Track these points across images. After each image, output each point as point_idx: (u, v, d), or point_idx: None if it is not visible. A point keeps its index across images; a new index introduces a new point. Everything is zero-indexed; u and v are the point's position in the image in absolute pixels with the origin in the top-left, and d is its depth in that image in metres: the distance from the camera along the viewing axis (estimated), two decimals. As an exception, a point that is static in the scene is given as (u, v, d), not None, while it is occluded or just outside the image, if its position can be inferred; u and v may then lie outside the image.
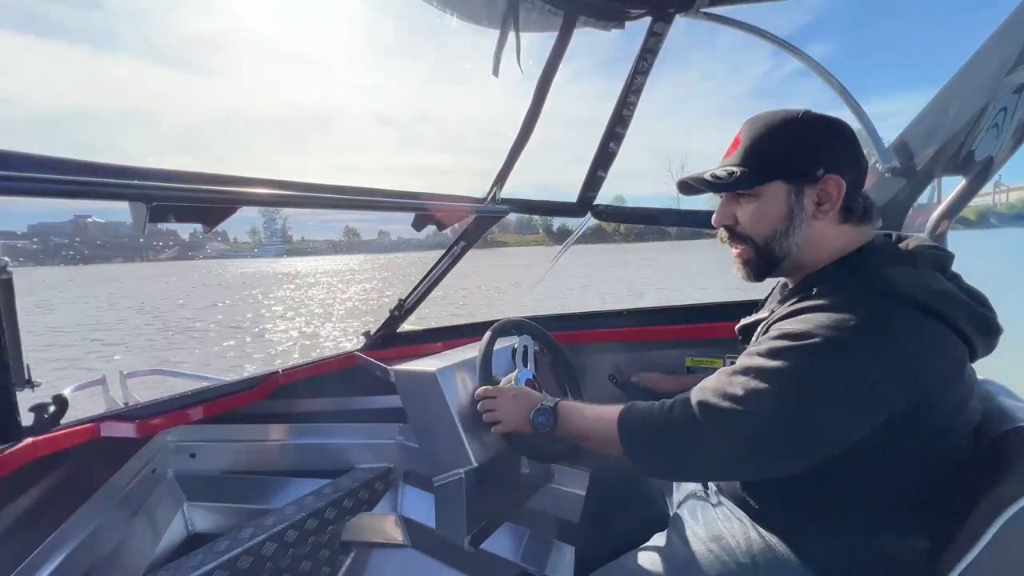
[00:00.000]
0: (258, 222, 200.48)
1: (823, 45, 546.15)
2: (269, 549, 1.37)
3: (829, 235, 0.78)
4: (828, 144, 0.77)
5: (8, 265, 0.73)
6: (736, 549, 0.83)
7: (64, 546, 1.15)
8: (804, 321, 0.68)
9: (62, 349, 10.54)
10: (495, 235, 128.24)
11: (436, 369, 1.17)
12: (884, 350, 0.63)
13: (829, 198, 0.76)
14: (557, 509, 1.67)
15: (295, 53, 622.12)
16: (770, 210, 0.78)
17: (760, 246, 0.81)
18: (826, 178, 0.75)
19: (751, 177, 0.77)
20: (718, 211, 0.86)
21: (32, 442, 0.97)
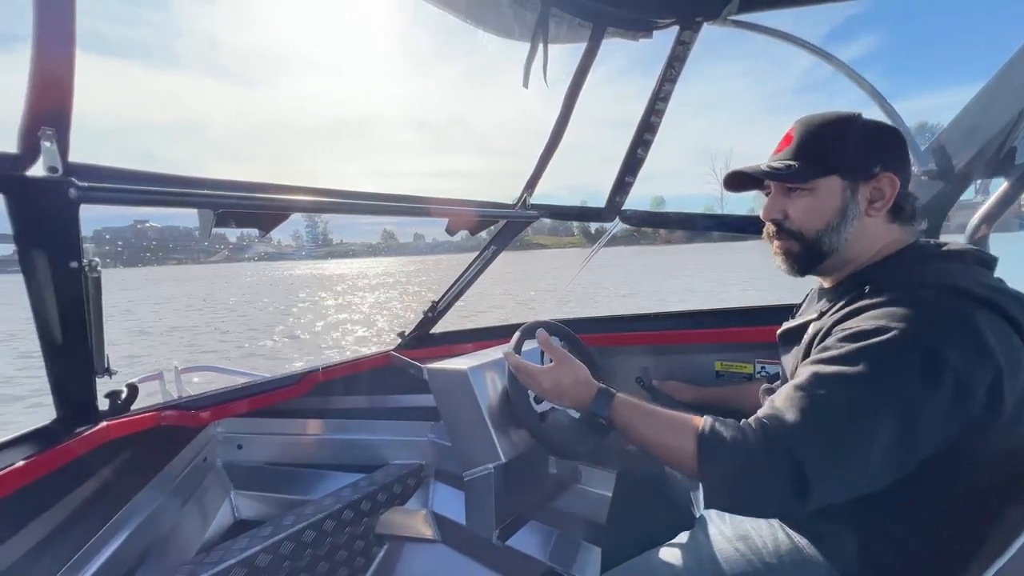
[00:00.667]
0: (301, 226, 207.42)
1: (861, 43, 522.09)
2: (309, 537, 1.44)
3: (878, 233, 0.79)
4: (884, 143, 0.79)
5: (98, 265, 0.83)
6: (763, 549, 0.84)
7: (126, 526, 1.26)
8: (874, 318, 0.66)
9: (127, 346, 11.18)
10: (532, 237, 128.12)
11: (468, 368, 1.22)
12: (965, 341, 0.62)
13: (882, 196, 0.77)
14: (585, 510, 1.69)
15: (336, 63, 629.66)
16: (824, 205, 0.79)
17: (810, 241, 0.81)
18: (881, 176, 0.77)
19: (807, 171, 0.78)
20: (768, 205, 0.85)
21: (106, 425, 1.07)
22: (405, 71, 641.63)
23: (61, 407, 0.97)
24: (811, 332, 0.78)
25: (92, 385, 0.98)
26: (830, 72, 1.43)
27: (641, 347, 1.77)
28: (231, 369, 2.48)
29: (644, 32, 1.50)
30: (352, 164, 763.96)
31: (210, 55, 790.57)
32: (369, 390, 1.83)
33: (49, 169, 0.71)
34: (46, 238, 0.78)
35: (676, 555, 0.91)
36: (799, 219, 0.81)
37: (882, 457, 0.62)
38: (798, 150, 0.80)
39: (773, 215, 0.84)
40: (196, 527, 1.53)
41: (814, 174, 0.78)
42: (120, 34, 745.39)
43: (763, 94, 41.97)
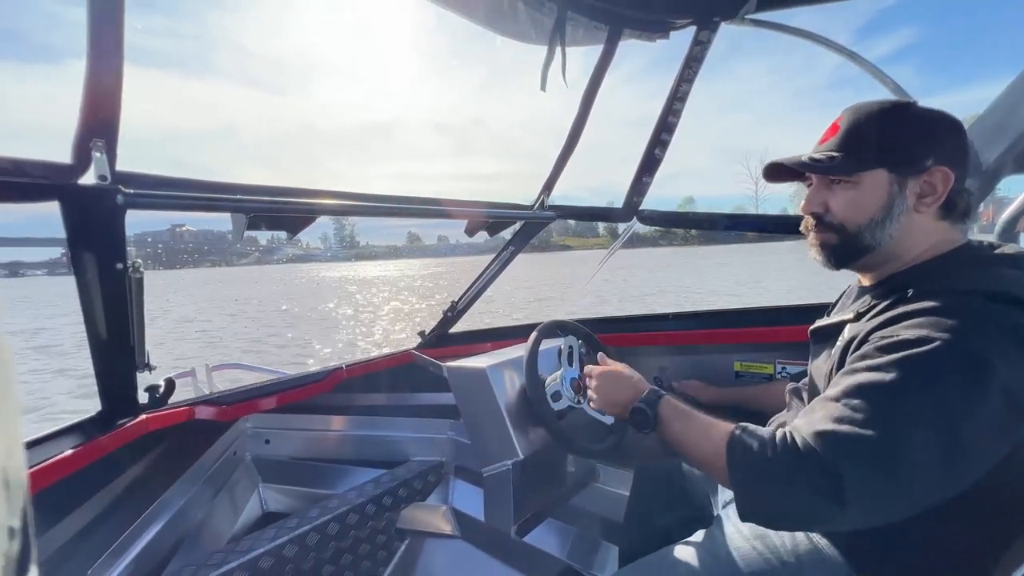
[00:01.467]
0: (328, 228, 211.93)
1: (898, 36, 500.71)
2: (333, 529, 1.49)
3: (926, 230, 0.74)
4: (938, 135, 0.73)
5: (141, 266, 0.89)
6: (781, 548, 0.83)
7: (162, 516, 1.32)
8: (917, 326, 0.62)
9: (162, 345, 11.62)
10: (558, 239, 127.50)
11: (486, 366, 1.25)
12: (1011, 350, 0.58)
13: (933, 191, 0.72)
14: (603, 509, 1.70)
15: (360, 70, 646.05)
16: (868, 199, 0.74)
17: (851, 235, 0.76)
18: (934, 170, 0.71)
19: (851, 163, 0.74)
20: (808, 197, 0.81)
21: (145, 419, 1.13)
22: (427, 76, 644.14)
23: (106, 399, 1.04)
24: (847, 335, 0.74)
25: (134, 379, 1.04)
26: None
27: (659, 347, 1.77)
28: (258, 367, 2.56)
29: (661, 33, 1.50)
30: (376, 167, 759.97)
31: (241, 64, 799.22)
32: (391, 388, 1.88)
33: (99, 178, 0.77)
34: (95, 242, 0.84)
35: (693, 552, 0.91)
36: (841, 213, 0.77)
37: (926, 473, 0.57)
38: (844, 140, 0.75)
39: (813, 208, 0.80)
40: (227, 518, 1.60)
41: (859, 166, 0.74)
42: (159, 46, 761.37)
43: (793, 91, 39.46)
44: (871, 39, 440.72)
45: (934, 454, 0.57)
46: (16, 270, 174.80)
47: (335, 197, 1.06)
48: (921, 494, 0.58)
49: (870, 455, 0.58)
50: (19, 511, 0.17)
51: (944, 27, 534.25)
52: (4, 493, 0.16)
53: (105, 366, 0.98)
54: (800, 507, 0.62)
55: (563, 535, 1.68)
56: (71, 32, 36.81)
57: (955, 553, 0.70)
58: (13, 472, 0.17)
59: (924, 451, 0.57)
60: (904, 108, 0.74)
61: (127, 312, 0.93)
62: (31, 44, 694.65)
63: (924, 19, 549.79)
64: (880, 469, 0.57)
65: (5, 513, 0.16)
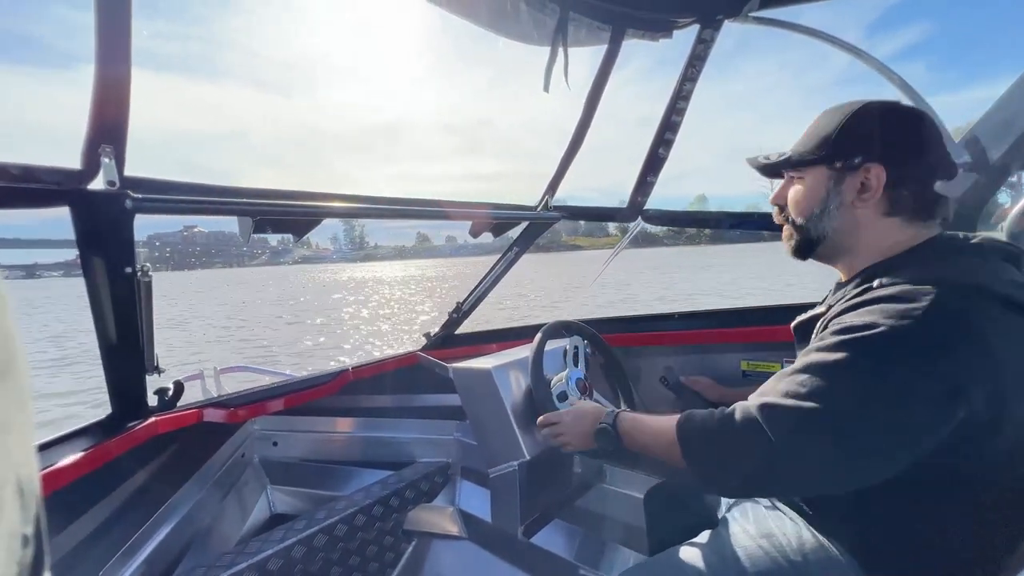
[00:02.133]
0: (339, 229, 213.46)
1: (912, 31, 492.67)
2: (341, 531, 1.50)
3: (877, 226, 0.77)
4: (877, 134, 0.75)
5: (150, 270, 0.90)
6: (787, 547, 0.83)
7: (172, 517, 1.33)
8: (868, 313, 0.65)
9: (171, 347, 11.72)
10: (568, 239, 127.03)
11: (492, 367, 1.25)
12: (959, 340, 0.60)
13: (870, 187, 0.75)
14: (610, 509, 1.69)
15: (367, 72, 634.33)
16: (809, 194, 0.81)
17: (799, 227, 0.84)
18: (866, 167, 0.74)
19: (797, 160, 0.81)
20: (776, 191, 0.89)
21: (155, 421, 1.14)
22: (433, 77, 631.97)
23: (116, 402, 1.05)
24: (819, 324, 0.78)
25: (143, 382, 1.05)
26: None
27: (665, 347, 1.76)
28: (266, 369, 2.58)
29: (664, 32, 1.50)
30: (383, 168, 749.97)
31: (251, 68, 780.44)
32: (396, 389, 1.88)
33: (108, 183, 0.78)
34: (104, 246, 0.85)
35: (700, 553, 0.91)
36: (791, 205, 0.84)
37: (854, 449, 0.62)
38: (801, 139, 0.82)
39: (778, 200, 0.88)
40: (235, 520, 1.61)
41: (800, 163, 0.81)
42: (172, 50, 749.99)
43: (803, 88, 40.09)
44: (882, 35, 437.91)
45: (864, 432, 0.61)
46: (33, 272, 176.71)
47: (340, 200, 1.07)
48: (850, 468, 0.63)
49: (805, 427, 0.63)
50: (32, 519, 0.17)
51: (957, 22, 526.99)
52: (19, 501, 0.16)
53: (115, 369, 1.00)
54: (744, 472, 0.68)
55: (570, 536, 1.68)
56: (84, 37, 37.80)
57: (963, 552, 0.69)
58: (27, 481, 0.17)
59: (855, 428, 0.61)
60: (854, 107, 0.77)
61: (136, 315, 0.94)
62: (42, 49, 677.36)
63: (936, 14, 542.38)
64: (813, 441, 0.63)
65: (19, 521, 0.16)
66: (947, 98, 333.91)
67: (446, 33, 1.50)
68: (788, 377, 0.68)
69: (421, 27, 1.41)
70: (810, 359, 0.67)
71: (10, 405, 0.16)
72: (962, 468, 0.65)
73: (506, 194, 58.25)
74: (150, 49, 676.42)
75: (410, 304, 20.89)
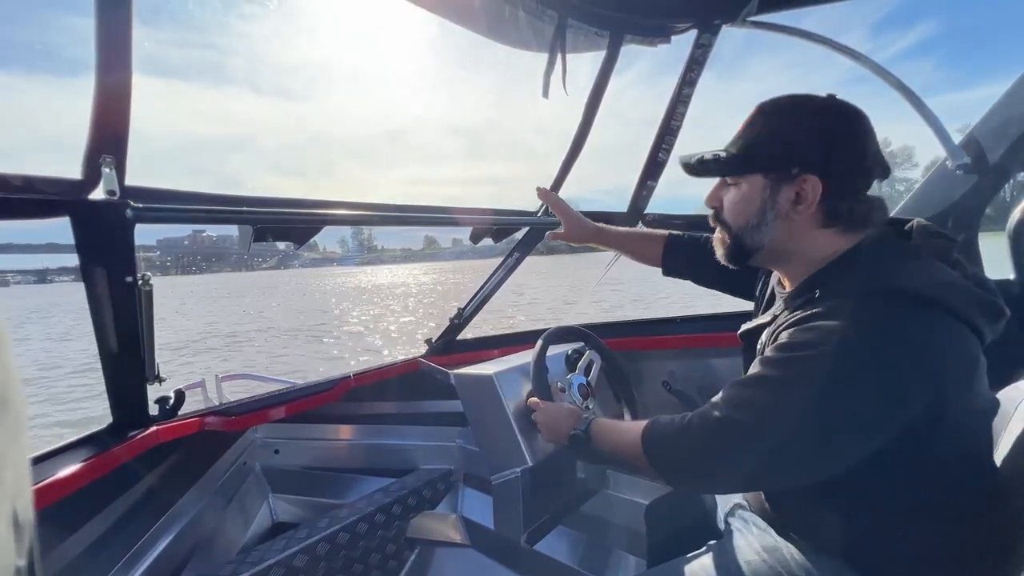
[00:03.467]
0: (347, 233, 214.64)
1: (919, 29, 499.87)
2: (343, 539, 1.49)
3: (814, 237, 0.75)
4: (814, 142, 0.72)
5: (150, 278, 0.90)
6: (791, 560, 0.79)
7: (174, 527, 1.33)
8: (810, 330, 0.67)
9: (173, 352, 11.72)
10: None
11: (494, 373, 1.24)
12: (896, 350, 0.61)
13: (805, 199, 0.72)
14: (614, 515, 1.68)
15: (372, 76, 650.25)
16: (746, 201, 0.77)
17: (735, 234, 0.80)
18: (802, 178, 0.72)
19: (734, 165, 0.77)
20: (711, 192, 0.84)
21: (156, 430, 1.14)
22: (437, 83, 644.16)
23: (116, 411, 1.05)
24: (764, 338, 0.80)
25: (144, 391, 1.05)
26: (887, 59, 1.39)
27: (668, 351, 1.76)
28: (268, 376, 2.58)
29: (662, 38, 1.51)
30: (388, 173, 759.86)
31: (255, 74, 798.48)
32: (399, 396, 1.88)
33: (108, 193, 0.78)
34: (105, 255, 0.85)
35: (701, 565, 0.90)
36: (727, 211, 0.80)
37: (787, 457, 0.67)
38: (739, 139, 0.77)
39: (712, 203, 0.84)
40: (237, 528, 1.60)
41: (740, 169, 0.77)
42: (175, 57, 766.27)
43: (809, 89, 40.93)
44: (888, 35, 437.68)
45: (800, 441, 0.65)
46: (44, 276, 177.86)
47: (341, 207, 1.07)
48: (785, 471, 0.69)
49: (747, 434, 0.68)
50: (27, 551, 0.17)
51: (964, 21, 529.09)
52: (13, 533, 0.16)
53: (116, 378, 1.00)
54: (695, 470, 0.75)
55: (574, 542, 1.67)
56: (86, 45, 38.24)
57: (968, 565, 0.69)
58: (23, 512, 0.17)
59: (792, 438, 0.65)
60: (793, 110, 0.74)
61: (137, 325, 0.94)
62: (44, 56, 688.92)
63: (943, 13, 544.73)
64: (753, 447, 0.67)
65: (13, 553, 0.16)
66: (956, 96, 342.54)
67: (448, 40, 1.52)
68: (739, 389, 0.71)
69: (423, 35, 1.42)
70: (759, 372, 0.70)
71: (6, 437, 0.16)
72: (921, 474, 0.68)
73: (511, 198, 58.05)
74: (156, 56, 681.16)
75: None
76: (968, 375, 0.66)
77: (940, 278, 0.66)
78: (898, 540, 0.72)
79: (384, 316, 19.10)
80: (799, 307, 0.73)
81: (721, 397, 0.73)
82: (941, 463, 0.68)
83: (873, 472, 0.66)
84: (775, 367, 0.68)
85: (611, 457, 0.91)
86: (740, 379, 0.73)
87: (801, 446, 0.66)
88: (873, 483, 0.69)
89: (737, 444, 0.68)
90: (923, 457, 0.67)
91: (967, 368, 0.66)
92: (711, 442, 0.71)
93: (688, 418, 0.75)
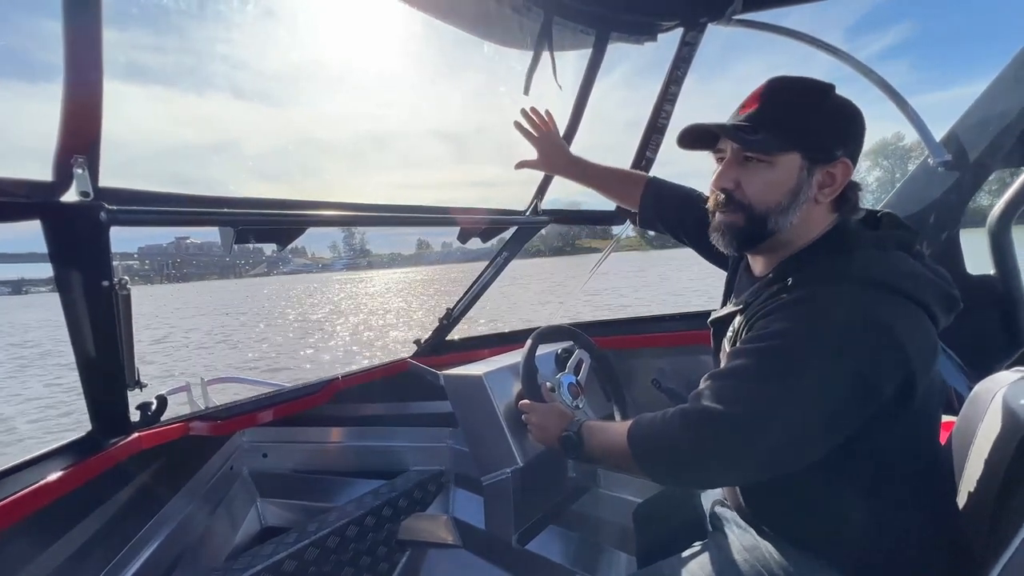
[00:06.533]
0: (338, 237, 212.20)
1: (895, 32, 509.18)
2: (333, 543, 1.47)
3: (819, 220, 0.76)
4: (849, 128, 0.73)
5: (128, 283, 0.88)
6: (770, 559, 0.80)
7: (159, 534, 1.30)
8: (783, 318, 0.69)
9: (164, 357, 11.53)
10: (584, 241, 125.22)
11: (483, 373, 1.24)
12: (868, 338, 0.64)
13: (833, 182, 0.73)
14: (605, 513, 1.69)
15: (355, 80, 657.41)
16: (780, 181, 0.73)
17: (757, 216, 0.75)
18: (840, 161, 0.72)
19: (773, 141, 0.71)
20: (721, 172, 0.77)
21: (137, 437, 1.11)
22: (421, 82, 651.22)
23: (95, 419, 1.02)
24: (736, 325, 0.80)
25: (124, 398, 1.03)
26: (865, 59, 1.40)
27: (657, 349, 1.76)
28: (255, 379, 2.54)
29: (648, 36, 1.51)
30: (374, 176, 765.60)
31: (233, 77, 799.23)
32: (388, 397, 1.86)
33: (81, 194, 0.76)
34: (79, 259, 0.82)
35: (688, 565, 0.90)
36: (752, 191, 0.74)
37: (771, 446, 0.67)
38: (765, 115, 0.72)
39: (725, 184, 0.76)
40: (225, 534, 1.57)
41: (779, 146, 0.72)
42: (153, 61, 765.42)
43: None
44: (863, 38, 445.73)
45: (780, 431, 0.66)
46: (20, 287, 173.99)
47: (325, 208, 1.06)
48: (765, 461, 0.69)
49: (729, 429, 0.68)
50: None
51: (936, 24, 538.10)
52: None
53: (94, 385, 0.97)
54: (680, 466, 0.74)
55: (566, 541, 1.67)
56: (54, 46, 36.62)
57: (939, 551, 0.72)
58: None
59: (772, 427, 0.66)
60: (824, 93, 0.73)
61: (115, 330, 0.91)
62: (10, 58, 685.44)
63: (916, 16, 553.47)
64: (735, 441, 0.68)
65: None
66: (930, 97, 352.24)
67: (432, 38, 1.50)
68: (717, 381, 0.72)
69: (406, 33, 1.41)
70: (735, 363, 0.70)
71: None
72: (886, 458, 0.71)
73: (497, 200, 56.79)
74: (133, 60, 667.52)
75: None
76: (930, 360, 0.68)
77: (905, 268, 0.70)
78: (861, 527, 0.74)
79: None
80: (772, 295, 0.74)
81: (700, 391, 0.73)
82: (902, 448, 0.71)
83: (839, 460, 0.69)
84: (751, 356, 0.69)
85: (602, 458, 0.91)
86: (717, 371, 0.73)
87: (782, 433, 0.67)
88: (838, 472, 0.71)
89: (719, 437, 0.69)
90: (886, 442, 0.70)
91: (930, 353, 0.68)
92: (692, 437, 0.71)
93: (669, 415, 0.75)
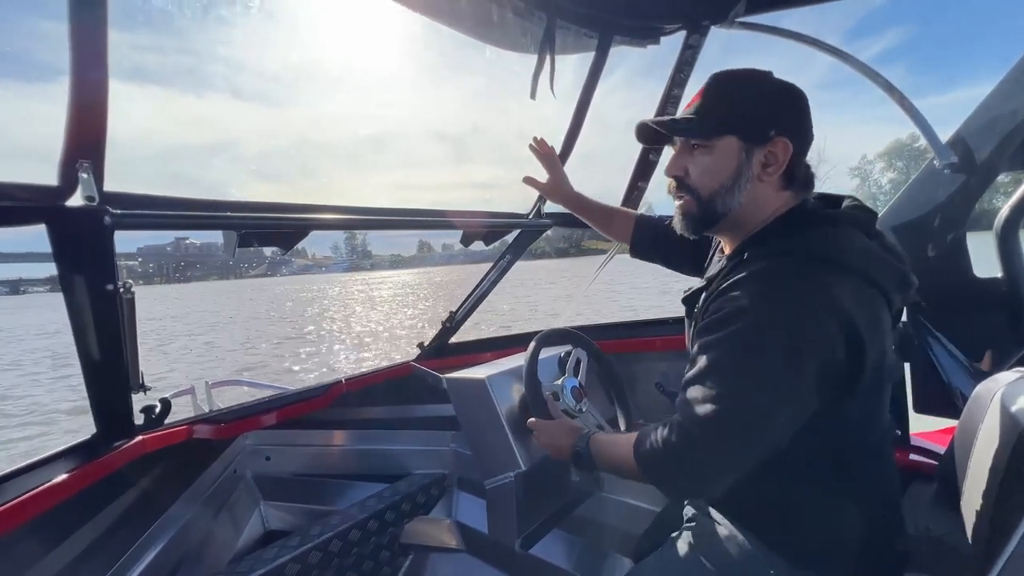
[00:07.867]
0: (339, 239, 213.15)
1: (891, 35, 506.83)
2: (335, 547, 1.47)
3: (770, 199, 0.79)
4: (783, 108, 0.78)
5: (132, 286, 0.88)
6: (735, 552, 0.83)
7: (162, 537, 1.30)
8: (735, 298, 0.71)
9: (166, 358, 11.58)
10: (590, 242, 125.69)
11: (486, 376, 1.23)
12: (824, 314, 0.66)
13: (775, 160, 0.76)
14: (608, 517, 1.68)
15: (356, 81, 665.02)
16: (720, 165, 0.78)
17: (704, 200, 0.80)
18: (776, 140, 0.75)
19: (707, 128, 0.78)
20: (671, 161, 0.85)
21: (141, 440, 1.12)
22: (423, 85, 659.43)
23: (100, 422, 1.03)
24: (701, 302, 0.82)
25: (128, 401, 1.03)
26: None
27: (661, 352, 1.75)
28: (259, 383, 2.55)
29: (651, 39, 1.51)
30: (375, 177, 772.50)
31: (236, 79, 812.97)
32: (391, 400, 1.86)
33: (86, 199, 0.76)
34: (84, 263, 0.83)
35: (665, 560, 0.93)
36: (696, 177, 0.80)
37: (757, 434, 0.69)
38: (703, 106, 0.79)
39: (675, 171, 0.83)
40: (228, 537, 1.57)
41: (713, 132, 0.77)
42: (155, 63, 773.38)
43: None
44: (861, 41, 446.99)
45: (760, 418, 0.68)
46: (17, 287, 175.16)
47: (327, 211, 1.06)
48: (747, 455, 0.69)
49: (715, 431, 0.69)
50: None
51: (934, 27, 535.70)
52: None
53: (99, 388, 0.97)
54: (685, 480, 0.75)
55: (569, 546, 1.66)
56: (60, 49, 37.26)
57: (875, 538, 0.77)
58: None
59: (752, 416, 0.68)
60: (756, 79, 0.78)
61: (120, 333, 0.92)
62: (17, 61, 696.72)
63: (913, 19, 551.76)
64: (722, 440, 0.69)
65: None
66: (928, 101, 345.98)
67: (435, 42, 1.51)
68: (694, 388, 0.72)
69: (409, 36, 1.41)
70: (704, 363, 0.71)
71: None
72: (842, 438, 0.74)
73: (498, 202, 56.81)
74: (134, 62, 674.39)
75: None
76: (881, 337, 0.70)
77: (857, 246, 0.72)
78: (806, 516, 0.77)
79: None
80: (731, 270, 0.77)
81: (685, 399, 0.74)
82: (854, 428, 0.73)
83: (794, 449, 0.70)
84: (716, 349, 0.71)
85: (613, 471, 0.90)
86: (691, 375, 0.74)
87: (762, 420, 0.68)
88: (790, 462, 0.73)
89: (714, 444, 0.69)
90: (837, 429, 0.72)
91: (880, 330, 0.70)
92: (686, 444, 0.71)
93: (667, 432, 0.75)
